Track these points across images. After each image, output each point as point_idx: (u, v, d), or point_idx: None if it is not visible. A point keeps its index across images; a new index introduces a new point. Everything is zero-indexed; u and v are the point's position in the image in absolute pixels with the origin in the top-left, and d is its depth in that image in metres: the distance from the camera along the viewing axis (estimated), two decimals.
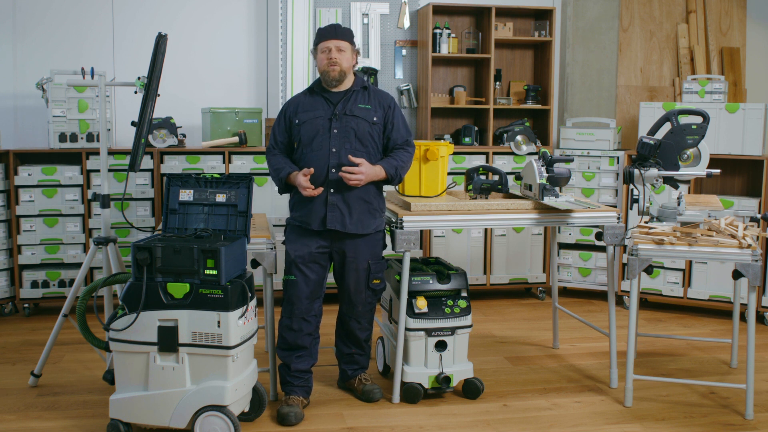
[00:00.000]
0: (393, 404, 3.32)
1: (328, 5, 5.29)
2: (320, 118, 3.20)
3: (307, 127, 3.21)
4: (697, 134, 3.42)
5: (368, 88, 3.29)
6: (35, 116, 5.08)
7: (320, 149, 3.17)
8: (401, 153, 3.27)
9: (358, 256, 3.24)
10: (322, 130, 3.19)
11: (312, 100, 3.26)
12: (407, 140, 3.31)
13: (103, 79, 3.62)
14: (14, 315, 4.83)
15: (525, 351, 4.13)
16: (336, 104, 3.21)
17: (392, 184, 3.29)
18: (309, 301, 3.23)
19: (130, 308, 2.83)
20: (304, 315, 3.23)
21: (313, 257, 3.22)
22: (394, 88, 5.46)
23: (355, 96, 3.24)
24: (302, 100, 3.29)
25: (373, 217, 3.26)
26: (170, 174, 3.21)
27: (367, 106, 3.23)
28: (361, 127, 3.20)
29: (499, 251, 5.24)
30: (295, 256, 3.22)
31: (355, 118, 3.20)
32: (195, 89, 5.25)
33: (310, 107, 3.24)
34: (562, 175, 3.42)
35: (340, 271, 3.30)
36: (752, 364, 3.16)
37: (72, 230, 4.74)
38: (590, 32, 5.59)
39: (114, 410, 2.89)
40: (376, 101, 3.27)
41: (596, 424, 3.14)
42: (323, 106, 3.22)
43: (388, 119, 3.26)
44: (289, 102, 3.34)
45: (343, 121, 3.19)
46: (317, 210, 3.18)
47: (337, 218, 3.17)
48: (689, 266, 4.87)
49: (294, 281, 3.23)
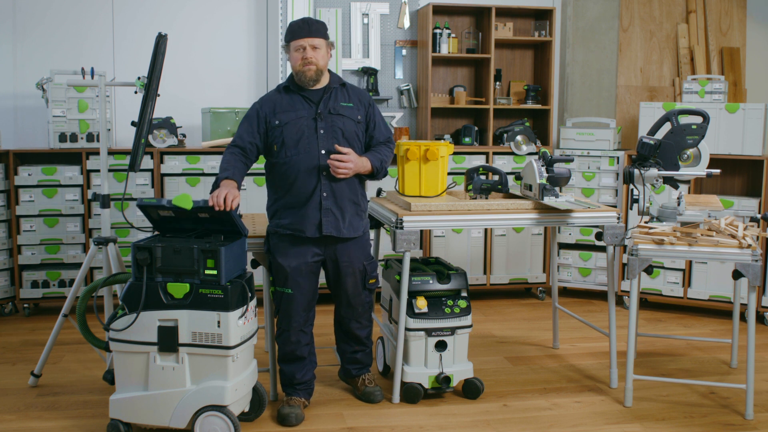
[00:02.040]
0: (393, 404, 3.32)
1: (328, 5, 5.29)
2: (304, 118, 3.07)
3: (290, 129, 3.06)
4: (697, 134, 3.42)
5: (346, 85, 3.20)
6: (35, 116, 5.08)
7: (308, 152, 3.05)
8: (383, 148, 3.22)
9: (352, 259, 3.19)
10: (308, 131, 3.06)
11: (290, 99, 3.11)
12: (389, 138, 3.26)
13: (103, 79, 3.61)
14: (14, 315, 4.83)
15: (525, 351, 4.13)
16: (317, 103, 3.10)
17: (376, 178, 3.21)
18: (305, 312, 3.18)
19: (130, 308, 2.83)
20: (301, 327, 3.18)
21: (309, 268, 3.13)
22: (394, 88, 5.46)
23: (335, 93, 3.13)
24: (278, 99, 3.12)
25: (361, 218, 3.22)
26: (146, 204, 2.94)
27: (349, 105, 3.14)
28: (348, 126, 3.11)
29: (499, 251, 5.24)
30: (292, 269, 3.10)
31: (341, 117, 3.10)
32: (195, 89, 5.25)
33: (290, 107, 3.09)
34: (562, 175, 3.42)
35: (336, 277, 3.22)
36: (752, 364, 3.16)
37: (72, 230, 4.74)
38: (590, 32, 5.59)
39: (114, 410, 2.89)
40: (357, 99, 3.18)
41: (596, 424, 3.14)
42: (304, 106, 3.09)
43: (369, 117, 3.20)
44: (262, 101, 3.15)
45: (328, 120, 3.08)
46: (311, 216, 3.07)
47: (331, 223, 3.09)
48: (689, 266, 4.87)
49: (291, 294, 3.13)
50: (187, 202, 2.80)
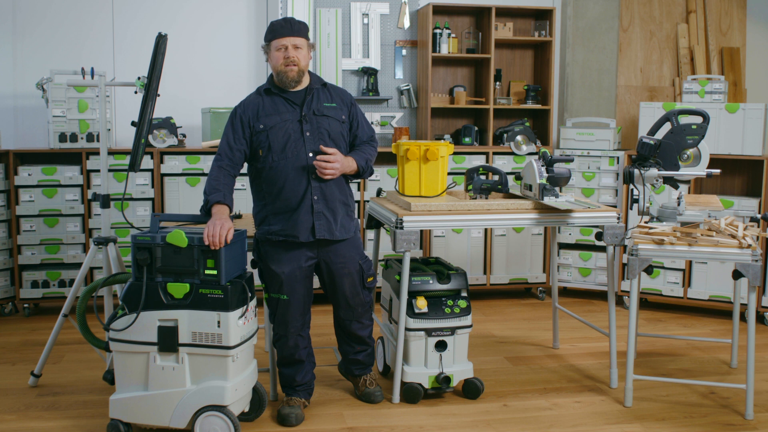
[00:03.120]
0: (393, 404, 3.32)
1: (328, 5, 5.29)
2: (289, 121, 3.01)
3: (276, 132, 3.00)
4: (697, 134, 3.42)
5: (327, 85, 3.17)
6: (35, 116, 5.08)
7: (295, 155, 3.00)
8: (368, 147, 3.20)
9: (347, 260, 3.16)
10: (294, 135, 3.01)
11: (272, 101, 3.05)
12: (372, 136, 3.24)
13: (103, 79, 3.61)
14: (14, 315, 4.83)
15: (525, 351, 4.13)
16: (301, 105, 3.05)
17: (362, 177, 3.18)
18: (302, 317, 3.16)
19: (130, 308, 2.83)
20: (299, 332, 3.17)
21: (303, 272, 3.10)
22: (394, 88, 5.46)
23: (318, 94, 3.10)
24: (260, 102, 3.06)
25: (351, 219, 3.20)
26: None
27: (332, 105, 3.11)
28: (333, 126, 3.08)
29: (499, 251, 5.24)
30: (286, 275, 3.07)
31: (326, 118, 3.07)
32: (195, 89, 5.25)
33: (273, 110, 3.03)
34: (562, 175, 3.42)
35: (331, 280, 3.19)
36: (752, 364, 3.16)
37: (72, 230, 4.74)
38: (590, 32, 5.59)
39: (114, 410, 2.89)
40: (339, 99, 3.14)
41: (596, 424, 3.14)
42: (287, 108, 3.04)
43: (353, 117, 3.17)
44: (243, 105, 3.08)
45: (314, 122, 3.04)
46: (303, 220, 3.03)
47: (324, 226, 3.06)
48: (689, 266, 4.87)
49: (286, 301, 3.10)
50: (181, 239, 2.80)
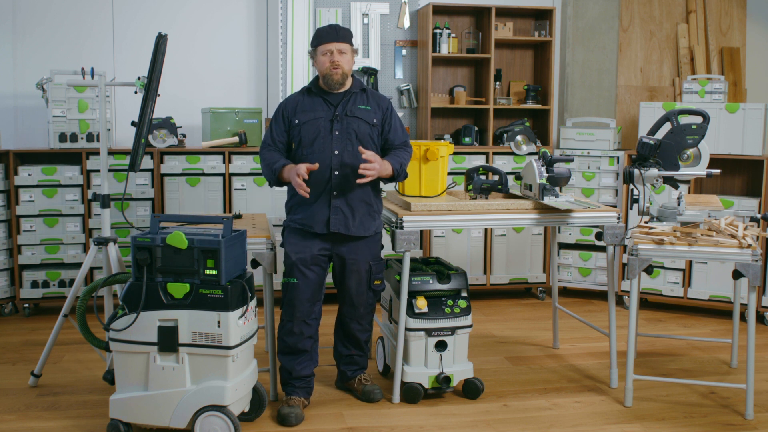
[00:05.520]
0: (393, 404, 3.32)
1: (328, 5, 5.29)
2: (321, 119, 3.19)
3: (307, 128, 3.19)
4: (697, 134, 3.42)
5: (366, 90, 3.30)
6: (35, 116, 5.08)
7: (322, 151, 3.16)
8: (401, 152, 3.28)
9: (359, 258, 3.24)
10: (324, 132, 3.17)
11: (311, 100, 3.24)
12: (405, 141, 3.32)
13: (103, 79, 3.61)
14: (14, 315, 4.83)
15: (525, 351, 4.13)
16: (336, 105, 3.20)
17: (396, 180, 3.28)
18: (310, 303, 3.22)
19: (130, 308, 2.83)
20: (305, 318, 3.22)
21: (314, 259, 3.21)
22: (394, 88, 5.46)
23: (355, 97, 3.24)
24: (300, 100, 3.26)
25: (373, 219, 3.28)
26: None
27: (367, 108, 3.23)
28: (362, 128, 3.20)
29: (499, 251, 5.24)
30: (297, 258, 3.19)
31: (357, 119, 3.20)
32: (195, 89, 5.25)
33: (310, 108, 3.22)
34: (562, 175, 3.42)
35: (341, 274, 3.28)
36: (752, 364, 3.16)
37: (72, 230, 4.74)
38: (590, 32, 5.59)
39: (114, 410, 2.89)
40: (375, 103, 3.27)
41: (596, 424, 3.14)
42: (323, 107, 3.21)
43: (386, 121, 3.27)
44: (286, 101, 3.30)
45: (344, 122, 3.18)
46: (320, 213, 3.17)
47: (340, 221, 3.17)
48: (689, 266, 4.87)
49: (295, 284, 3.20)
50: (181, 241, 2.80)
